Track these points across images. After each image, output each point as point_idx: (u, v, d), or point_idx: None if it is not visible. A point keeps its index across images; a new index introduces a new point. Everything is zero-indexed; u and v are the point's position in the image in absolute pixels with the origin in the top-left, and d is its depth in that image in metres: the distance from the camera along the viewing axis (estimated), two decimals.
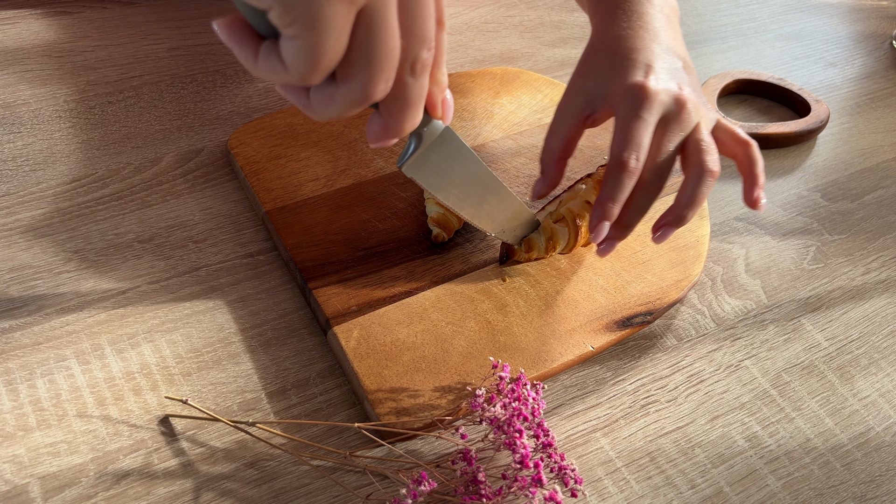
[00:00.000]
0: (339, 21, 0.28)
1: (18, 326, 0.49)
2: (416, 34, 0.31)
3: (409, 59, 0.32)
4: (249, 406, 0.47)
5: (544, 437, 0.43)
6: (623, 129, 0.47)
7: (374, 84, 0.31)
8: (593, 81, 0.50)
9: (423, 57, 0.32)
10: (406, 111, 0.34)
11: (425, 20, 0.31)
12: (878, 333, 0.56)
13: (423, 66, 0.32)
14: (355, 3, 0.28)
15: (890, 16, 0.92)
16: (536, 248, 0.53)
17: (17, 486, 0.42)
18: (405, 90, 0.33)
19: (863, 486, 0.47)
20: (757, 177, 0.50)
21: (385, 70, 0.31)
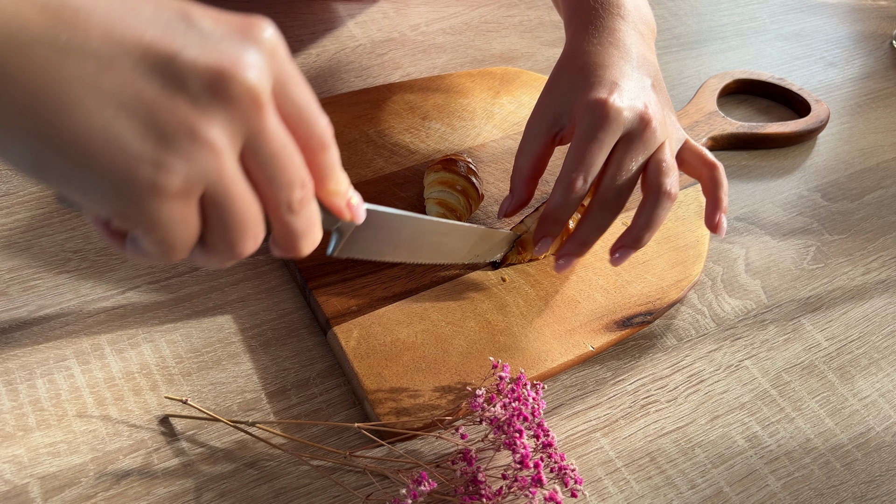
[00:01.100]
0: (178, 215, 0.27)
1: (18, 326, 0.49)
2: (280, 183, 0.29)
3: (280, 204, 0.30)
4: (249, 406, 0.47)
5: (544, 437, 0.43)
6: (576, 149, 0.46)
7: (239, 249, 0.30)
8: (561, 98, 0.49)
9: (295, 198, 0.30)
10: (298, 242, 0.32)
11: (285, 170, 0.29)
12: (878, 333, 0.56)
13: (300, 203, 0.31)
14: (190, 195, 0.27)
15: (890, 16, 0.92)
16: (529, 249, 0.53)
17: (16, 486, 0.42)
18: (288, 227, 0.31)
19: (863, 486, 0.47)
20: (720, 200, 0.50)
21: (245, 234, 0.30)
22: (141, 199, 0.26)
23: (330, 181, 0.33)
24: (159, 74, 0.26)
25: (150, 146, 0.26)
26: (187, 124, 0.26)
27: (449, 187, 0.54)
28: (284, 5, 0.78)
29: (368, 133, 0.63)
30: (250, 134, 0.28)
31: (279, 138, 0.29)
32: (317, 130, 0.31)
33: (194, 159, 0.26)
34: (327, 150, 0.32)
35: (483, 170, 0.61)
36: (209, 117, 0.26)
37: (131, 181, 0.26)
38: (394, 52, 0.75)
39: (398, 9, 0.81)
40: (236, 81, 0.26)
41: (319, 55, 0.73)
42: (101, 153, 0.25)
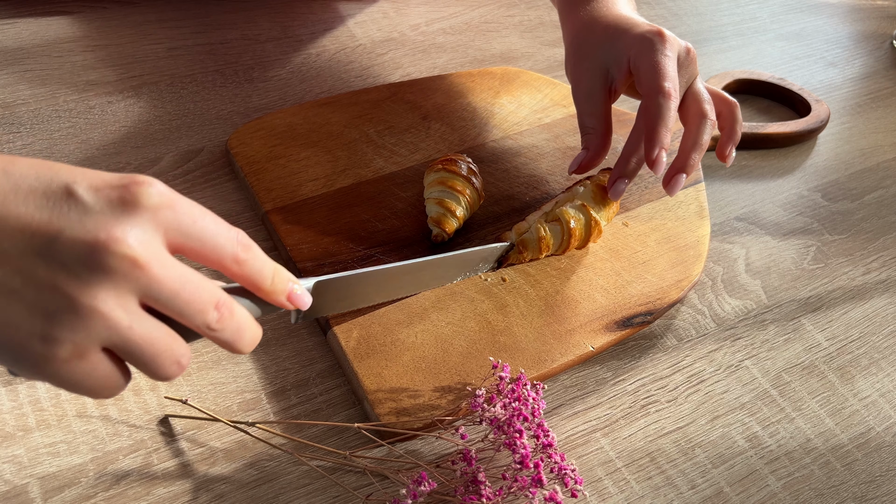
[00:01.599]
0: (82, 371, 0.30)
1: None
2: (190, 313, 0.32)
3: (200, 327, 0.32)
4: (249, 406, 0.47)
5: (544, 438, 0.43)
6: (652, 65, 0.51)
7: (164, 375, 0.32)
8: (602, 53, 0.54)
9: (212, 318, 0.32)
10: (235, 347, 0.35)
11: (190, 303, 0.32)
12: (879, 333, 0.56)
13: (219, 322, 0.33)
14: (85, 355, 0.30)
15: (890, 16, 0.92)
16: (530, 249, 0.53)
17: (16, 486, 0.42)
18: (219, 340, 0.34)
19: (863, 487, 0.47)
20: (735, 133, 0.56)
21: (164, 365, 0.32)
22: (40, 367, 0.29)
23: (261, 285, 0.35)
24: (43, 257, 0.28)
25: (38, 324, 0.28)
26: (68, 299, 0.28)
27: (449, 187, 0.54)
28: (284, 5, 0.78)
29: (368, 133, 0.63)
30: (142, 288, 0.30)
31: (175, 280, 0.31)
32: (227, 251, 0.33)
33: (81, 326, 0.29)
34: (244, 262, 0.34)
35: (483, 170, 0.61)
36: (89, 288, 0.29)
37: (26, 355, 0.29)
38: (394, 52, 0.75)
39: (398, 9, 0.81)
40: (110, 253, 0.29)
41: (319, 55, 0.73)
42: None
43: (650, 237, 0.58)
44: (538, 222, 0.53)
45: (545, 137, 0.65)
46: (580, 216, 0.54)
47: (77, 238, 0.28)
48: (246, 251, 0.34)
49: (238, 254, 0.34)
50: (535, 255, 0.54)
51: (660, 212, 0.60)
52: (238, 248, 0.34)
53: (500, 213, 0.58)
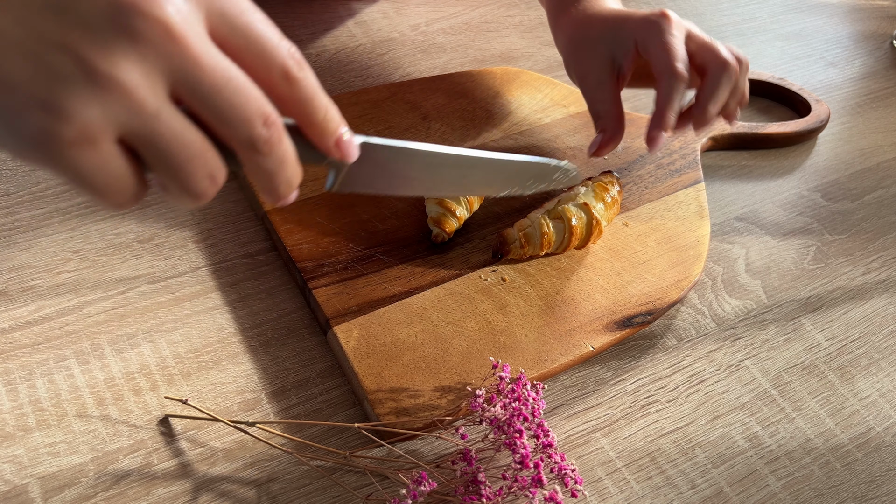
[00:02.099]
0: (88, 163, 0.25)
1: (18, 326, 0.49)
2: (234, 121, 0.26)
3: (241, 144, 0.27)
4: (249, 406, 0.47)
5: (544, 438, 0.43)
6: (662, 46, 0.52)
7: (193, 189, 0.27)
8: (604, 45, 0.55)
9: (260, 135, 0.27)
10: (273, 183, 0.29)
11: (234, 106, 0.26)
12: (879, 333, 0.56)
13: (265, 142, 0.28)
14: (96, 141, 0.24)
15: (890, 16, 0.92)
16: (532, 244, 0.53)
17: (16, 486, 0.42)
18: (260, 168, 0.29)
19: (863, 487, 0.47)
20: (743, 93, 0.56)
21: (193, 175, 0.27)
22: (39, 145, 0.24)
23: (311, 116, 0.29)
24: (55, 9, 0.23)
25: (40, 87, 0.23)
26: (82, 61, 0.23)
27: None
28: (284, 5, 0.78)
29: (368, 133, 0.63)
30: (176, 69, 0.25)
31: (218, 72, 0.25)
32: (277, 60, 0.27)
33: (94, 101, 0.24)
34: (297, 81, 0.28)
35: None
36: (110, 52, 0.23)
37: (24, 127, 0.24)
38: (394, 52, 0.75)
39: (398, 9, 0.81)
40: (140, 13, 0.23)
41: (319, 55, 0.73)
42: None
43: (650, 237, 0.58)
44: (542, 218, 0.53)
45: (545, 137, 0.65)
46: (582, 215, 0.54)
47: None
48: (300, 68, 0.28)
49: (290, 67, 0.28)
50: (535, 251, 0.54)
51: (660, 212, 0.60)
52: (290, 60, 0.28)
53: (500, 213, 0.58)
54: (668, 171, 0.64)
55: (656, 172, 0.63)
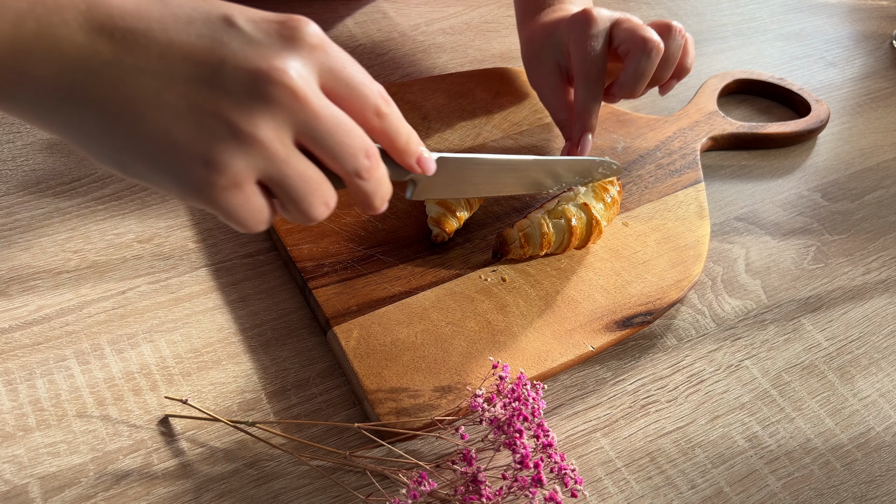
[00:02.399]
0: (235, 202, 0.31)
1: (18, 326, 0.49)
2: (344, 157, 0.33)
3: (349, 174, 0.34)
4: (249, 406, 0.47)
5: (544, 438, 0.43)
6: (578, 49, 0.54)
7: (312, 215, 0.34)
8: (548, 52, 0.58)
9: (362, 165, 0.34)
10: (372, 201, 0.36)
11: (343, 145, 0.32)
12: (879, 333, 0.56)
13: (367, 170, 0.34)
14: (242, 185, 0.31)
15: (890, 16, 0.92)
16: (532, 244, 0.53)
17: (16, 486, 0.42)
18: (361, 190, 0.35)
19: (863, 487, 0.47)
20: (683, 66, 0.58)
21: (313, 204, 0.33)
22: (200, 192, 0.30)
23: (396, 142, 0.36)
24: (208, 84, 0.29)
25: (201, 147, 0.29)
26: (231, 125, 0.29)
27: None
28: (284, 5, 0.78)
29: None
30: (299, 123, 0.31)
31: (330, 119, 0.32)
32: (370, 102, 0.34)
33: (241, 154, 0.30)
34: (384, 115, 0.35)
35: None
36: (251, 116, 0.29)
37: (188, 179, 0.30)
38: (394, 52, 0.75)
39: (398, 9, 0.81)
40: (272, 82, 0.30)
41: None
42: (164, 157, 0.29)
43: (650, 237, 0.58)
44: (542, 218, 0.53)
45: (545, 137, 0.65)
46: (582, 215, 0.54)
47: (240, 66, 0.29)
48: (387, 105, 0.35)
49: (380, 106, 0.34)
50: (535, 252, 0.54)
51: (660, 212, 0.60)
52: (380, 100, 0.34)
53: (500, 213, 0.58)
54: (667, 171, 0.64)
55: (656, 172, 0.63)
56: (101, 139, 0.30)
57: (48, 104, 0.29)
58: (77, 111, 0.29)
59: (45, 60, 0.28)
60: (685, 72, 0.58)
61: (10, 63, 0.28)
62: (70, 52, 0.28)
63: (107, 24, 0.29)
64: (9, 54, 0.28)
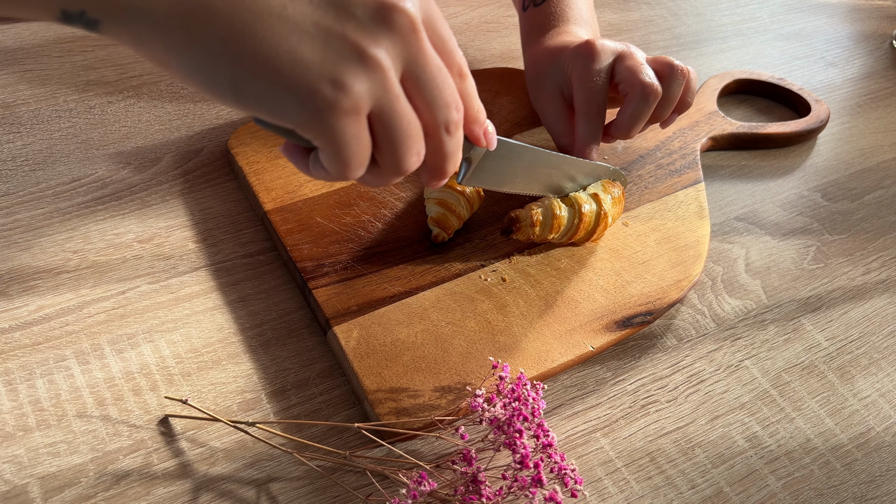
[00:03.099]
0: (351, 131, 0.31)
1: (18, 326, 0.49)
2: (439, 105, 0.34)
3: (440, 125, 0.34)
4: (249, 406, 0.47)
5: (544, 438, 0.43)
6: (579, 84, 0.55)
7: (405, 163, 0.34)
8: (551, 79, 0.58)
9: (453, 118, 0.35)
10: (447, 162, 0.37)
11: (442, 91, 0.33)
12: (879, 333, 0.56)
13: (455, 125, 0.35)
14: (361, 112, 0.31)
15: (890, 16, 0.92)
16: (540, 226, 0.53)
17: (16, 486, 0.42)
18: (443, 147, 0.36)
19: (863, 487, 0.47)
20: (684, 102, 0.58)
21: (410, 150, 0.34)
22: (321, 113, 0.30)
23: (471, 108, 0.37)
24: (334, 6, 0.30)
25: (328, 66, 0.30)
26: (358, 47, 0.30)
27: (449, 187, 0.54)
28: None
29: None
30: (410, 57, 0.32)
31: (435, 62, 0.33)
32: (457, 60, 0.35)
33: (364, 78, 0.30)
34: (466, 78, 0.36)
35: None
36: (376, 41, 0.30)
37: (313, 97, 0.30)
38: None
39: None
40: (397, 10, 0.31)
41: None
42: (288, 73, 0.29)
43: (650, 237, 0.58)
44: (554, 200, 0.53)
45: (545, 137, 0.65)
46: (593, 204, 0.54)
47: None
48: (467, 70, 0.36)
49: (462, 66, 0.36)
50: (544, 234, 0.53)
51: (660, 212, 0.60)
52: (462, 62, 0.36)
53: (500, 213, 0.58)
54: (668, 171, 0.64)
55: (656, 172, 0.63)
56: (221, 55, 0.29)
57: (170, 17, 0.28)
58: (200, 24, 0.28)
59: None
60: (686, 107, 0.58)
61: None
62: None
63: None
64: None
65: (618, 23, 0.84)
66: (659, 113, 0.56)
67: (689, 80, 0.56)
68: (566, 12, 0.63)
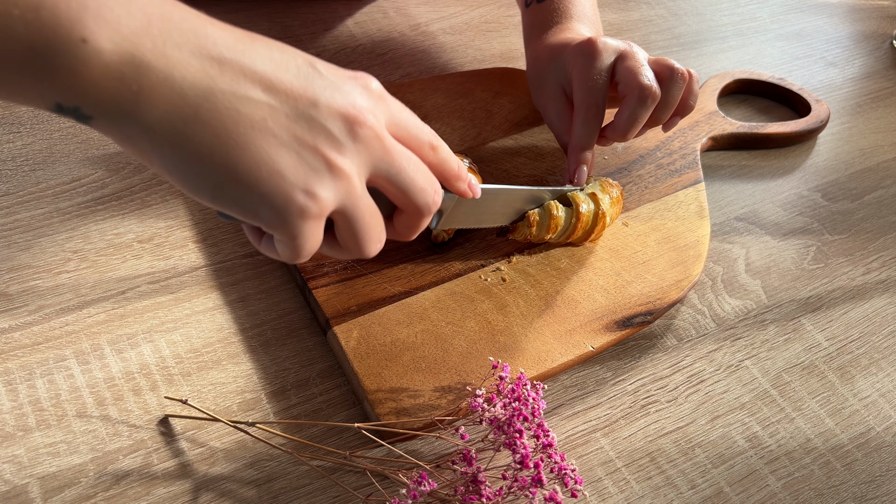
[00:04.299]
0: (311, 230, 0.33)
1: (18, 326, 0.49)
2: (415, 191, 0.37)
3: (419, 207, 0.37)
4: (249, 406, 0.47)
5: (544, 438, 0.43)
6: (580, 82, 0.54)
7: (365, 250, 0.37)
8: (553, 76, 0.58)
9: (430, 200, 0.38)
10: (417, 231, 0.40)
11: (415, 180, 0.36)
12: (879, 333, 0.56)
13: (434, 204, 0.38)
14: (324, 215, 0.34)
15: (890, 16, 0.92)
16: (537, 226, 0.53)
17: (16, 486, 0.42)
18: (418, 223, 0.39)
19: (863, 487, 0.47)
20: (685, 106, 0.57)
21: (371, 240, 0.36)
22: (291, 216, 0.32)
23: (450, 170, 0.40)
24: (306, 120, 0.32)
25: (302, 177, 0.32)
26: (328, 159, 0.32)
27: None
28: (284, 5, 0.78)
29: None
30: (377, 160, 0.34)
31: (403, 157, 0.35)
32: (425, 139, 0.38)
33: (332, 186, 0.33)
34: (438, 149, 0.39)
35: (483, 170, 0.61)
36: (344, 152, 0.33)
37: (287, 204, 0.32)
38: (394, 52, 0.75)
39: (398, 9, 0.81)
40: (360, 124, 0.33)
41: (319, 55, 0.73)
42: (266, 182, 0.31)
43: (650, 237, 0.58)
44: (552, 201, 0.53)
45: (545, 137, 0.65)
46: (591, 204, 0.54)
47: (332, 107, 0.33)
48: (438, 141, 0.39)
49: (432, 141, 0.39)
50: (541, 234, 0.53)
51: (660, 212, 0.60)
52: (432, 136, 0.39)
53: None
54: (668, 171, 0.64)
55: (656, 172, 0.63)
56: (206, 161, 0.31)
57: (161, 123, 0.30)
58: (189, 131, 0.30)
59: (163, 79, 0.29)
60: (688, 110, 0.57)
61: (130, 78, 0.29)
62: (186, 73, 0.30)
63: (214, 52, 0.31)
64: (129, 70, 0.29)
65: (618, 23, 0.84)
66: (657, 116, 0.55)
67: (690, 84, 0.55)
68: (569, 9, 0.63)
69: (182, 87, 0.29)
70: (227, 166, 0.31)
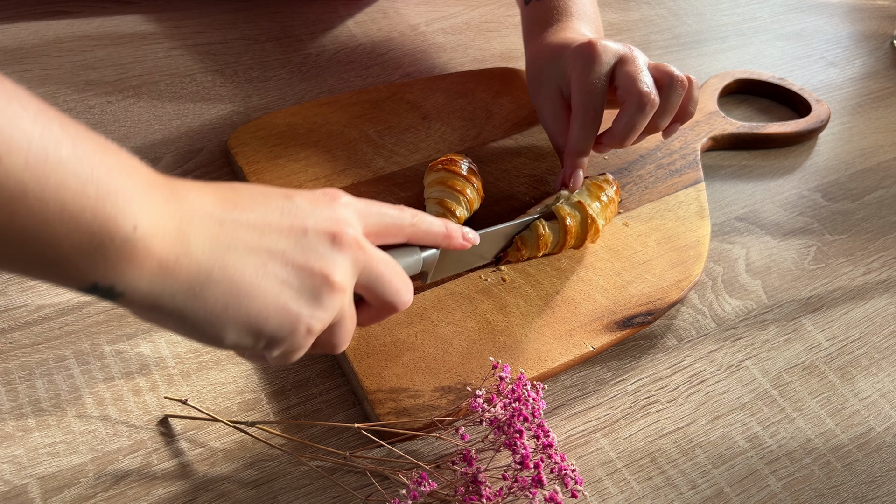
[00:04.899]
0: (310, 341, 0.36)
1: (18, 326, 0.49)
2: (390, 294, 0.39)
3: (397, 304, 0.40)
4: (249, 406, 0.47)
5: (545, 438, 0.43)
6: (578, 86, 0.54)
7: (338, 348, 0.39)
8: (551, 77, 0.57)
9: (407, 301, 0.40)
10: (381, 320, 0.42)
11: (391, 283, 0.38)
12: (879, 333, 0.56)
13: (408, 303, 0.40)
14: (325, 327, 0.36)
15: (890, 16, 0.92)
16: (528, 247, 0.53)
17: (16, 486, 0.42)
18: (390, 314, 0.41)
19: (863, 487, 0.47)
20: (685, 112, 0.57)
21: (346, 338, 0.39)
22: (298, 338, 0.35)
23: (437, 236, 0.43)
24: (300, 249, 0.34)
25: (305, 304, 0.34)
26: (323, 276, 0.35)
27: (449, 187, 0.54)
28: (284, 5, 0.78)
29: (368, 133, 0.63)
30: (360, 266, 0.37)
31: (382, 260, 0.38)
32: (404, 218, 0.41)
33: (333, 301, 0.35)
34: (417, 224, 0.41)
35: (483, 170, 0.61)
36: (335, 265, 0.35)
37: (295, 331, 0.34)
38: (394, 52, 0.75)
39: (398, 9, 0.81)
40: (343, 235, 0.36)
41: (319, 55, 0.72)
42: (275, 318, 0.34)
43: (650, 237, 0.58)
44: (538, 221, 0.53)
45: (545, 137, 0.65)
46: (576, 213, 0.54)
47: (319, 229, 0.35)
48: (414, 212, 0.41)
49: (412, 218, 0.41)
50: (532, 253, 0.54)
51: (660, 212, 0.60)
52: (408, 212, 0.41)
53: (500, 213, 0.58)
54: (668, 171, 0.64)
55: (656, 172, 0.63)
56: (222, 316, 0.32)
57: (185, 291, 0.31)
58: (204, 292, 0.31)
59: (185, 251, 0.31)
60: (688, 116, 0.56)
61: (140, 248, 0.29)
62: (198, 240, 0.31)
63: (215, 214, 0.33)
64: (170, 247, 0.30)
65: (618, 23, 0.84)
66: (656, 123, 0.55)
67: (690, 90, 0.55)
68: (569, 7, 0.62)
69: (197, 254, 0.31)
70: (240, 315, 0.33)
